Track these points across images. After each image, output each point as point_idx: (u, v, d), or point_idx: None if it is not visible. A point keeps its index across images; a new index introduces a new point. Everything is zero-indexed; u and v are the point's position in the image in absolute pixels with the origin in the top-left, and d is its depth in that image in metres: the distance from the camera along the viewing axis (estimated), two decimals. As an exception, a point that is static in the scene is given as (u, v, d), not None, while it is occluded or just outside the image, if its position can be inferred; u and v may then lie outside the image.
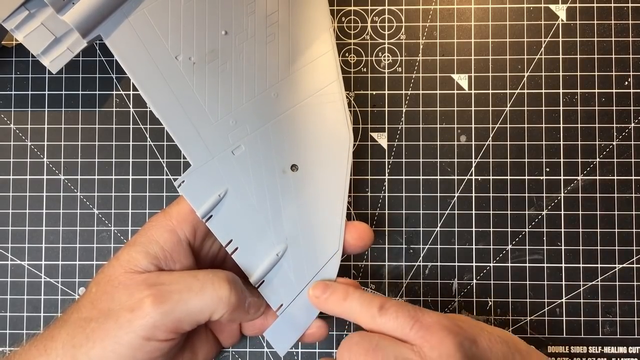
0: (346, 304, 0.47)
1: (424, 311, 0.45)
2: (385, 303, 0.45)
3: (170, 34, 0.48)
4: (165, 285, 0.45)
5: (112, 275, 0.46)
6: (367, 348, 0.44)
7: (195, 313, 0.45)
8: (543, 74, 0.58)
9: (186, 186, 0.48)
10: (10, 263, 0.58)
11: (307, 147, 0.50)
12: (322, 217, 0.50)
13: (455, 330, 0.44)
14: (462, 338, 0.43)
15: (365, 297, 0.47)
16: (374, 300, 0.46)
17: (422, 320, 0.44)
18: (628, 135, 0.58)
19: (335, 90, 0.51)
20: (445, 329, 0.43)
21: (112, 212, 0.58)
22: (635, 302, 0.57)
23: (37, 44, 0.48)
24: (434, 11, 0.59)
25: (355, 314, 0.46)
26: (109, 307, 0.45)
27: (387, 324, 0.45)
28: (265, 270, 0.49)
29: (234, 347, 0.58)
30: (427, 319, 0.44)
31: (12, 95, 0.58)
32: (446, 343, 0.43)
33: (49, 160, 0.58)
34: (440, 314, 0.45)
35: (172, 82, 0.48)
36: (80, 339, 0.44)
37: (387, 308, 0.45)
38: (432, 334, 0.43)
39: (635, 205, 0.58)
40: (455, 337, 0.43)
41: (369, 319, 0.45)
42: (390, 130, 0.59)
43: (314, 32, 0.51)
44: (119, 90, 0.59)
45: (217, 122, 0.49)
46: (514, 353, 0.45)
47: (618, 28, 0.58)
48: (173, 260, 0.47)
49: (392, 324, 0.44)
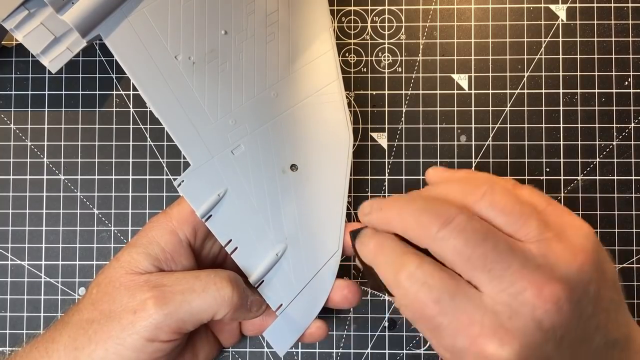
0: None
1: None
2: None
3: (169, 34, 0.48)
4: (167, 287, 0.45)
5: (113, 277, 0.46)
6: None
7: (198, 313, 0.45)
8: (543, 74, 0.58)
9: (186, 186, 0.48)
10: (10, 263, 0.58)
11: (307, 147, 0.50)
12: (321, 217, 0.50)
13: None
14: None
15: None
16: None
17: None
18: (628, 135, 0.58)
19: (335, 90, 0.51)
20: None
21: (112, 212, 0.58)
22: (635, 302, 0.57)
23: (37, 43, 0.48)
24: (434, 11, 0.59)
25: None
26: (110, 308, 0.45)
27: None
28: (265, 270, 0.49)
29: (234, 347, 0.58)
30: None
31: (12, 95, 0.58)
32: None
33: (49, 160, 0.58)
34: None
35: (172, 82, 0.48)
36: (83, 341, 0.44)
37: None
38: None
39: (635, 205, 0.58)
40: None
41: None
42: (390, 130, 0.58)
43: (313, 31, 0.51)
44: (119, 90, 0.59)
45: (217, 122, 0.49)
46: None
47: (618, 28, 0.58)
48: (174, 261, 0.48)
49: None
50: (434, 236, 0.39)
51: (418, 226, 0.40)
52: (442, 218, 0.39)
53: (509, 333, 0.36)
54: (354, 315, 0.58)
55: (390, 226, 0.42)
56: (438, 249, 0.39)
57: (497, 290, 0.37)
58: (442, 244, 0.38)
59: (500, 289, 0.37)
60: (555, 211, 0.40)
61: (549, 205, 0.40)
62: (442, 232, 0.38)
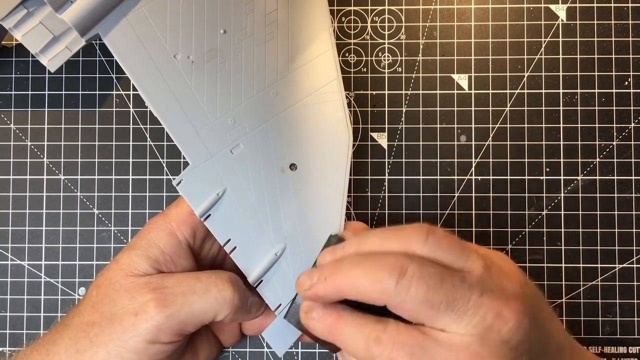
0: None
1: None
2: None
3: (168, 33, 0.48)
4: (168, 289, 0.45)
5: (112, 279, 0.46)
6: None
7: (199, 315, 0.45)
8: (543, 74, 0.58)
9: (184, 185, 0.48)
10: (10, 263, 0.58)
11: (306, 146, 0.50)
12: (321, 217, 0.50)
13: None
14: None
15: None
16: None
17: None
18: (628, 135, 0.58)
19: (334, 89, 0.51)
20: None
21: (112, 212, 0.58)
22: (635, 302, 0.57)
23: (36, 42, 0.48)
24: (434, 11, 0.59)
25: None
26: (111, 311, 0.45)
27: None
28: (264, 269, 0.49)
29: (234, 347, 0.58)
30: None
31: (12, 95, 0.59)
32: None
33: (49, 160, 0.58)
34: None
35: (171, 81, 0.48)
36: (84, 343, 0.44)
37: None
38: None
39: (635, 205, 0.57)
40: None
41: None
42: (390, 130, 0.58)
43: (313, 30, 0.51)
44: (119, 90, 0.59)
45: (216, 121, 0.49)
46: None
47: (618, 28, 0.58)
48: (173, 262, 0.48)
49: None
50: (393, 291, 0.39)
51: (373, 285, 0.40)
52: (396, 270, 0.39)
53: (487, 356, 0.38)
54: (353, 315, 0.58)
55: (340, 293, 0.42)
56: (398, 303, 0.39)
57: (463, 325, 0.38)
58: (402, 297, 0.39)
59: (466, 323, 0.38)
60: (471, 244, 0.44)
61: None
62: (400, 284, 0.39)
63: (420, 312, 0.39)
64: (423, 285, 0.38)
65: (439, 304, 0.38)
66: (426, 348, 0.39)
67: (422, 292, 0.38)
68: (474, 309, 0.38)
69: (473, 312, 0.38)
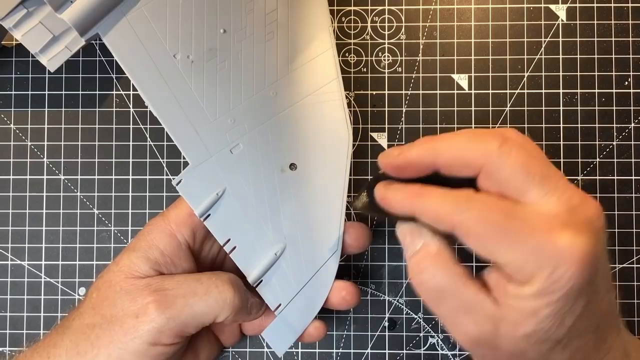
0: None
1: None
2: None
3: (168, 33, 0.48)
4: (169, 290, 0.45)
5: (112, 281, 0.46)
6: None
7: (200, 316, 0.45)
8: (543, 74, 0.58)
9: (184, 185, 0.48)
10: (10, 263, 0.58)
11: (306, 146, 0.50)
12: (321, 217, 0.50)
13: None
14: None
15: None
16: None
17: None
18: (628, 135, 0.58)
19: (334, 89, 0.51)
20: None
21: (112, 212, 0.58)
22: (635, 302, 0.57)
23: (35, 42, 0.48)
24: (434, 11, 0.59)
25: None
26: (111, 313, 0.45)
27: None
28: (264, 269, 0.49)
29: (234, 347, 0.58)
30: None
31: (12, 95, 0.59)
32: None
33: (49, 160, 0.58)
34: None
35: (170, 81, 0.48)
36: (85, 346, 0.44)
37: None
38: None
39: (635, 205, 0.57)
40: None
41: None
42: (390, 130, 0.58)
43: (313, 30, 0.51)
44: (119, 90, 0.59)
45: (216, 121, 0.49)
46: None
47: (618, 28, 0.58)
48: (173, 264, 0.48)
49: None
50: (496, 151, 0.39)
51: (475, 144, 0.40)
52: (498, 136, 0.39)
53: (577, 225, 0.37)
54: (354, 315, 0.58)
55: (437, 154, 0.41)
56: (497, 166, 0.39)
57: (553, 201, 0.38)
58: (502, 159, 0.39)
59: (556, 198, 0.38)
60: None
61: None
62: (503, 147, 0.39)
63: (515, 180, 0.39)
64: (523, 153, 0.38)
65: (534, 175, 0.38)
66: (517, 211, 0.38)
67: (522, 158, 0.38)
68: (564, 189, 0.38)
69: (563, 190, 0.38)
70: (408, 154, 0.42)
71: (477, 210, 0.38)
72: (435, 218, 0.40)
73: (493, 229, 0.38)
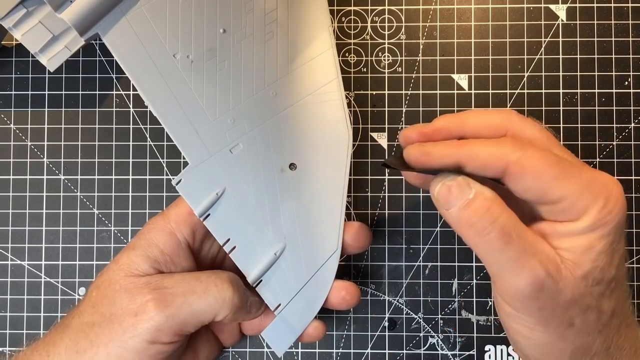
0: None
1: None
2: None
3: (168, 32, 0.48)
4: (168, 289, 0.45)
5: (112, 279, 0.46)
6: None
7: (199, 315, 0.45)
8: (543, 74, 0.58)
9: (184, 184, 0.48)
10: (10, 263, 0.58)
11: (306, 146, 0.50)
12: (320, 217, 0.50)
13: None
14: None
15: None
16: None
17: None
18: (628, 135, 0.58)
19: (334, 88, 0.51)
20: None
21: (112, 212, 0.58)
22: (635, 302, 0.57)
23: (35, 42, 0.48)
24: (434, 11, 0.59)
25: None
26: (111, 311, 0.45)
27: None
28: (263, 269, 0.49)
29: (234, 347, 0.58)
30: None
31: (12, 95, 0.59)
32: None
33: (49, 160, 0.58)
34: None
35: (170, 81, 0.48)
36: (84, 344, 0.44)
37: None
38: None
39: (635, 205, 0.57)
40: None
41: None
42: (390, 130, 0.58)
43: (313, 30, 0.51)
44: (119, 90, 0.59)
45: (215, 121, 0.49)
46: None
47: (618, 28, 0.58)
48: (173, 263, 0.48)
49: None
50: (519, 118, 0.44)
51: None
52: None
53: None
54: (354, 315, 0.58)
55: (464, 124, 0.45)
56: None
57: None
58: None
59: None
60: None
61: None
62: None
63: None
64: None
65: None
66: (564, 160, 0.40)
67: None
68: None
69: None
70: (438, 122, 0.46)
71: (533, 148, 0.40)
72: (485, 162, 0.41)
73: (550, 165, 0.39)
